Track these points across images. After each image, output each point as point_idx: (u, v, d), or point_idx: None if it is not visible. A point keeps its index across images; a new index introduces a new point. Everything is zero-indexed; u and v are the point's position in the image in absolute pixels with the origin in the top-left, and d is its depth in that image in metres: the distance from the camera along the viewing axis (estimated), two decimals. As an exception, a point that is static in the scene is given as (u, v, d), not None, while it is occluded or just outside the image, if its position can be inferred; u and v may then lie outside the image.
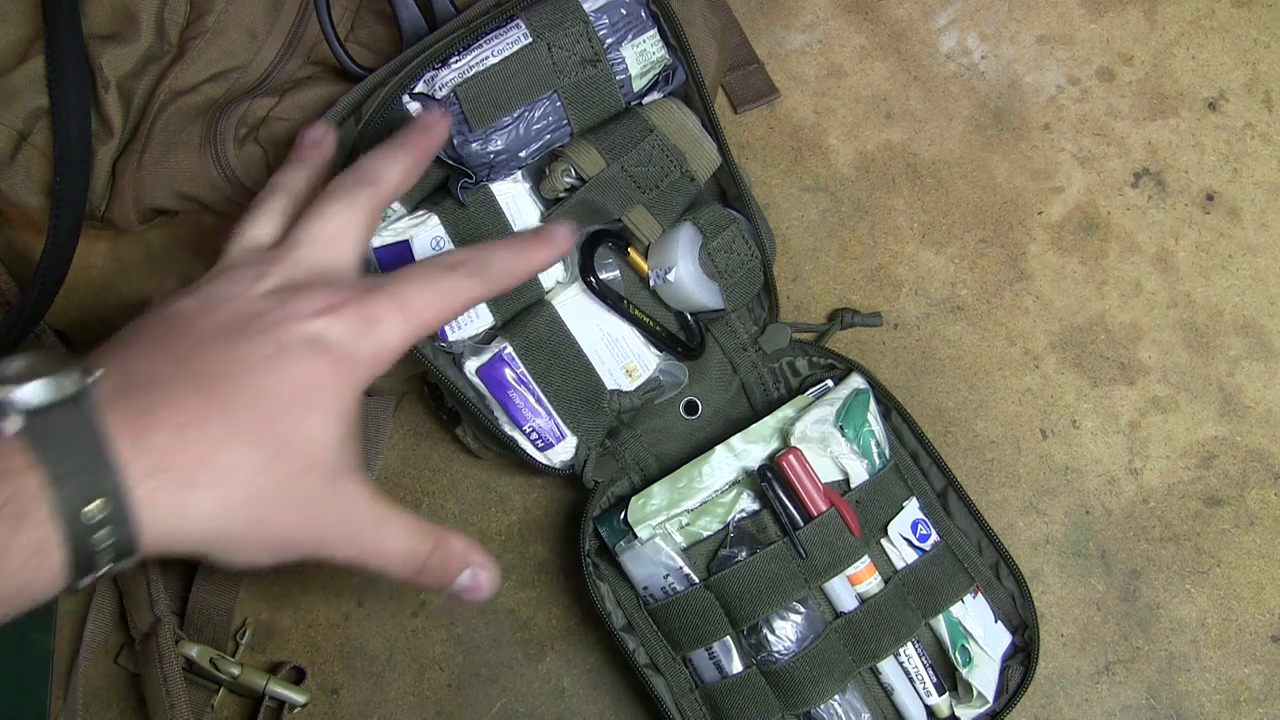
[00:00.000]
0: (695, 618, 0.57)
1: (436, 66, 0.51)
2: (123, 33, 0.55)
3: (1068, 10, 0.73)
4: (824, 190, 0.70)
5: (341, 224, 0.40)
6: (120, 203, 0.56)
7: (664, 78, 0.56)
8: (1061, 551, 0.64)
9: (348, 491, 0.37)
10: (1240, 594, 0.64)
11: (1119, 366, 0.67)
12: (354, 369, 0.37)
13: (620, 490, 0.61)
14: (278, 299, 0.37)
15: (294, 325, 0.36)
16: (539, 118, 0.53)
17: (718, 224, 0.58)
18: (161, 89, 0.56)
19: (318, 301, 0.37)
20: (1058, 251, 0.69)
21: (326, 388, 0.36)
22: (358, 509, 0.37)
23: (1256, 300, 0.68)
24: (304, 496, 0.35)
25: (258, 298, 0.37)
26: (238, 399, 0.34)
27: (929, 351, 0.67)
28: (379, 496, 0.38)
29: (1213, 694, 0.62)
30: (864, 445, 0.58)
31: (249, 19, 0.56)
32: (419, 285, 0.39)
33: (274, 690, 0.60)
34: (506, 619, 0.64)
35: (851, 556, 0.57)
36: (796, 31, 0.73)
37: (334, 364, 0.36)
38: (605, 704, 0.63)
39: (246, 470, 0.34)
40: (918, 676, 0.58)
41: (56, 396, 0.32)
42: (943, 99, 0.71)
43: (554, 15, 0.52)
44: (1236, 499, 0.65)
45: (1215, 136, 0.71)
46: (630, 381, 0.60)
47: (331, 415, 0.36)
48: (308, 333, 0.36)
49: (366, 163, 0.42)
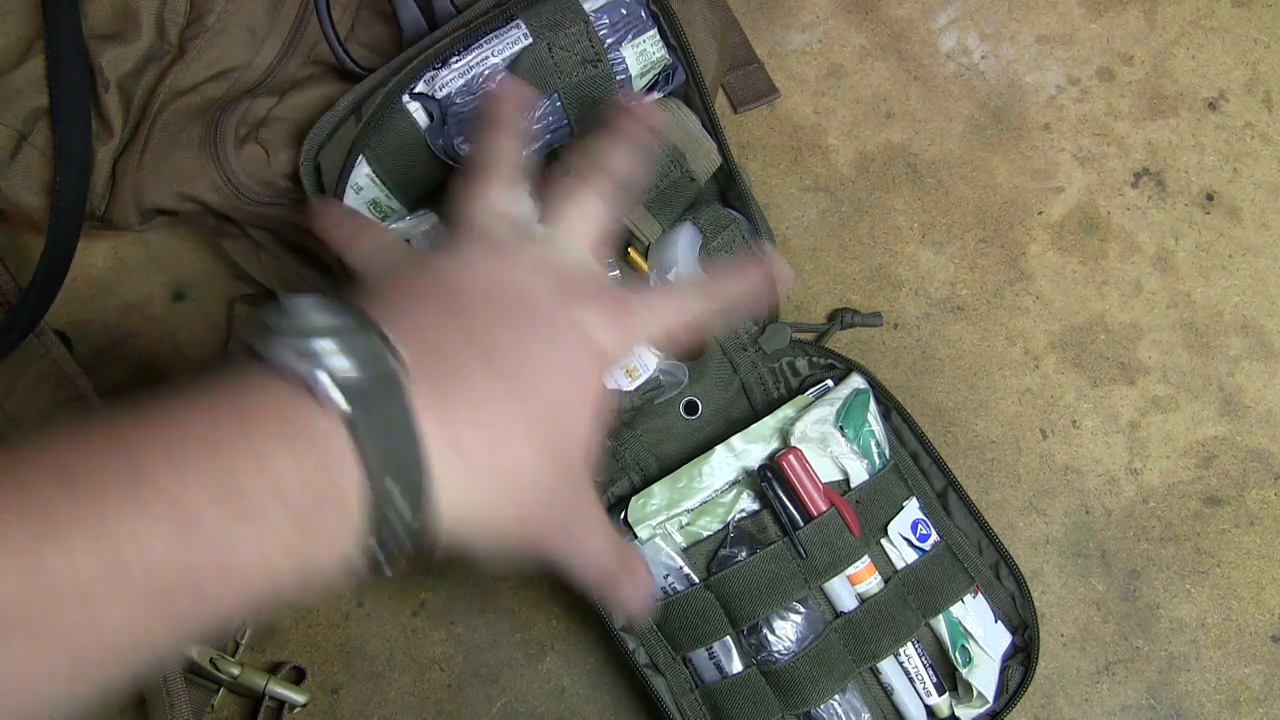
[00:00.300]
0: (695, 618, 0.57)
1: (436, 66, 0.51)
2: (123, 33, 0.55)
3: (1068, 10, 0.73)
4: (824, 190, 0.70)
5: (593, 214, 0.40)
6: (120, 203, 0.56)
7: (664, 78, 0.56)
8: (1061, 551, 0.64)
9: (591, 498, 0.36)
10: (1240, 594, 0.64)
11: (1119, 366, 0.67)
12: (605, 364, 0.36)
13: (620, 490, 0.61)
14: (552, 287, 0.36)
15: (566, 314, 0.35)
16: (539, 118, 0.53)
17: (718, 224, 0.58)
18: (161, 89, 0.56)
19: (585, 292, 0.37)
20: (1058, 251, 0.69)
21: (592, 382, 0.35)
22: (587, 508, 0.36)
23: (1256, 300, 0.68)
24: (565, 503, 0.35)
25: (535, 282, 0.36)
26: (525, 384, 0.33)
27: (929, 351, 0.67)
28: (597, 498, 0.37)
29: (1213, 694, 0.62)
30: (864, 445, 0.58)
31: (249, 19, 0.56)
32: (667, 298, 0.40)
33: (274, 690, 0.60)
34: (506, 619, 0.64)
35: (851, 556, 0.57)
36: (796, 31, 0.73)
37: (596, 357, 0.36)
38: (605, 704, 0.63)
39: (528, 466, 0.33)
40: (918, 676, 0.58)
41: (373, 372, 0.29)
42: (943, 99, 0.71)
43: (554, 15, 0.52)
44: (1236, 499, 0.65)
45: (1215, 136, 0.71)
46: (630, 381, 0.60)
47: (594, 409, 0.35)
48: (579, 322, 0.35)
49: (604, 151, 0.42)
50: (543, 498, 0.33)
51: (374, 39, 0.58)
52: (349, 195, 0.53)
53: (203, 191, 0.56)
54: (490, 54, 0.51)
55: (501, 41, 0.52)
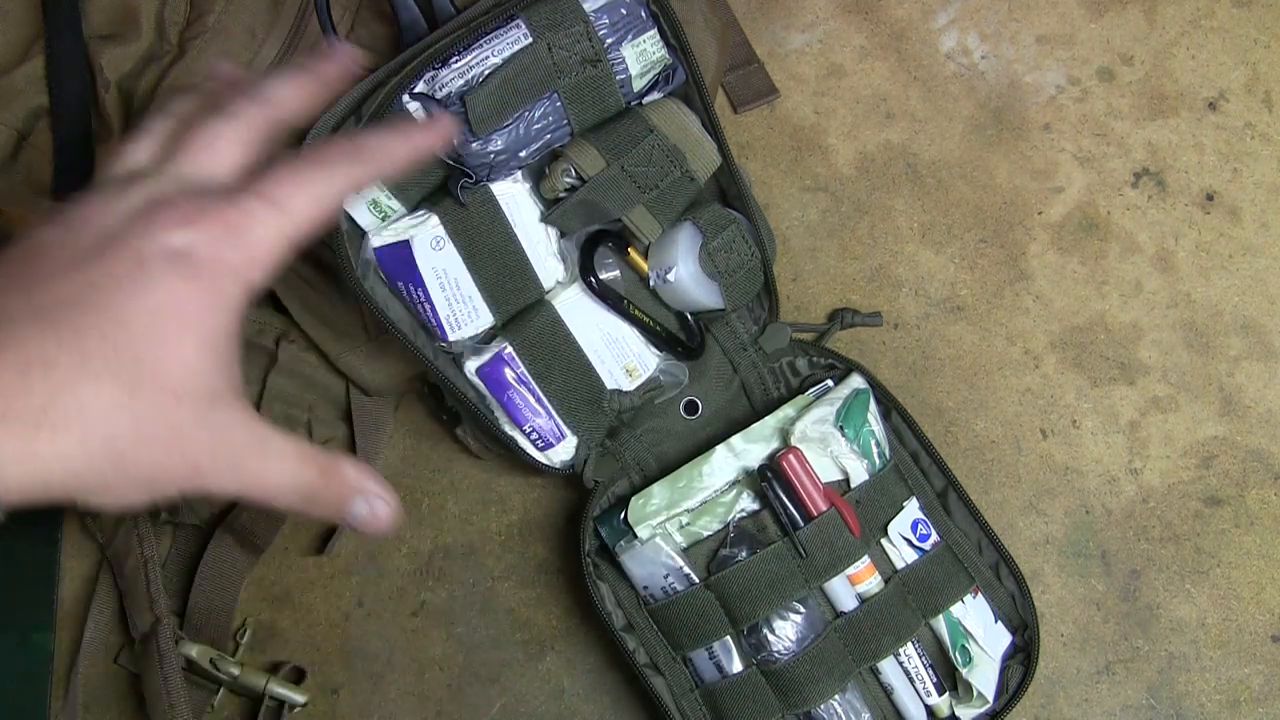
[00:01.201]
0: (695, 618, 0.57)
1: (436, 66, 0.51)
2: (123, 33, 0.55)
3: (1068, 10, 0.73)
4: (824, 190, 0.70)
5: (220, 137, 0.37)
6: (120, 203, 0.56)
7: (664, 78, 0.56)
8: (1061, 551, 0.64)
9: (224, 419, 0.34)
10: (1240, 594, 0.64)
11: (1119, 366, 0.67)
12: (225, 282, 0.34)
13: (620, 490, 0.61)
14: (140, 219, 0.34)
15: (152, 240, 0.33)
16: (539, 118, 0.53)
17: (718, 224, 0.58)
18: (161, 89, 0.56)
19: (180, 212, 0.34)
20: (1058, 251, 0.69)
21: (193, 307, 0.33)
22: (236, 436, 0.34)
23: (1256, 300, 0.68)
24: (171, 431, 0.33)
25: (118, 216, 0.34)
26: (89, 329, 0.32)
27: (929, 351, 0.67)
28: (260, 421, 0.35)
29: (1213, 694, 0.62)
30: (864, 445, 0.58)
31: (249, 19, 0.56)
32: (289, 180, 0.36)
33: (274, 690, 0.60)
34: (506, 619, 0.64)
35: (851, 556, 0.57)
36: (796, 31, 0.73)
37: (200, 279, 0.33)
38: (605, 704, 0.63)
39: (101, 407, 0.31)
40: (918, 676, 0.58)
41: None
42: (943, 99, 0.71)
43: (554, 15, 0.52)
44: (1236, 499, 0.65)
45: (1215, 136, 0.71)
46: (630, 381, 0.60)
47: (200, 337, 0.33)
48: (169, 246, 0.33)
49: (259, 81, 0.39)
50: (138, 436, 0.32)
51: (374, 39, 0.58)
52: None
53: (203, 191, 0.55)
54: (490, 54, 0.51)
55: (501, 41, 0.52)
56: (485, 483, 0.66)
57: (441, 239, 0.55)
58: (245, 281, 0.34)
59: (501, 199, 0.56)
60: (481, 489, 0.66)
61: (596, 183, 0.55)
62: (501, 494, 0.66)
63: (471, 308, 0.57)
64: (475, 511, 0.65)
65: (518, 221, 0.57)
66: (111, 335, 0.32)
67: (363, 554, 0.65)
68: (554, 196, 0.56)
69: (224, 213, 0.34)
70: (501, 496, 0.66)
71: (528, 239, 0.57)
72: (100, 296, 0.32)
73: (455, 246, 0.55)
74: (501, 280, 0.57)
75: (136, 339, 0.32)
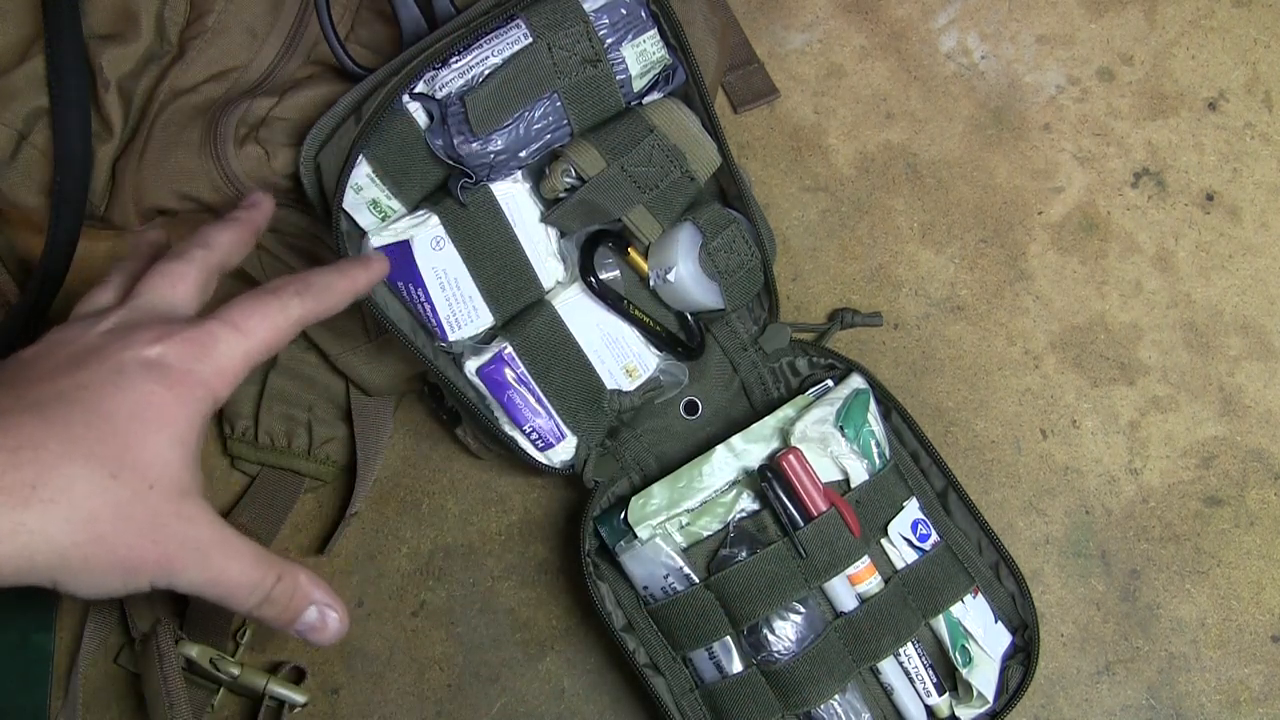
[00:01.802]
0: (695, 618, 0.57)
1: (436, 66, 0.51)
2: (123, 33, 0.55)
3: (1068, 10, 0.73)
4: (824, 190, 0.70)
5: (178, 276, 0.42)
6: (120, 203, 0.56)
7: (664, 78, 0.56)
8: (1061, 551, 0.64)
9: (192, 514, 0.37)
10: (1240, 594, 0.64)
11: (1119, 366, 0.67)
12: (195, 389, 0.38)
13: (620, 490, 0.61)
14: (117, 336, 0.38)
15: (131, 351, 0.37)
16: (539, 118, 0.53)
17: (718, 224, 0.58)
18: (161, 89, 0.56)
19: (152, 331, 0.38)
20: (1058, 251, 0.69)
21: (168, 408, 0.37)
22: (203, 531, 0.37)
23: (1256, 300, 0.68)
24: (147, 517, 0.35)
25: (97, 335, 0.39)
26: (76, 420, 0.35)
27: (929, 351, 0.67)
28: (222, 523, 0.38)
29: (1213, 694, 0.62)
30: (864, 445, 0.58)
31: (249, 19, 0.56)
32: (249, 309, 0.40)
33: (274, 690, 0.60)
34: (506, 619, 0.64)
35: (851, 556, 0.57)
36: (796, 31, 0.73)
37: (174, 385, 0.37)
38: (605, 704, 0.63)
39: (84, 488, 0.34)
40: (918, 676, 0.58)
41: None
42: (943, 99, 0.71)
43: (554, 15, 0.52)
44: (1236, 499, 0.65)
45: (1215, 136, 0.71)
46: (630, 381, 0.60)
47: (174, 436, 0.37)
48: (145, 357, 0.37)
49: (202, 230, 0.45)
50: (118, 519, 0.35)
51: (374, 39, 0.58)
52: (349, 195, 0.53)
53: (203, 191, 0.55)
54: (490, 54, 0.51)
55: (501, 41, 0.52)
56: (485, 483, 0.66)
57: (441, 239, 0.55)
58: (212, 391, 0.38)
59: (501, 199, 0.56)
60: (481, 489, 0.66)
61: (596, 183, 0.55)
62: (501, 494, 0.66)
63: (471, 308, 0.57)
64: (475, 511, 0.66)
65: (518, 221, 0.57)
66: (96, 425, 0.35)
67: (363, 554, 0.65)
68: (554, 196, 0.56)
69: (192, 333, 0.39)
70: (501, 496, 0.66)
71: (528, 239, 0.57)
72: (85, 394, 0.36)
73: (455, 246, 0.55)
74: (501, 280, 0.57)
75: (119, 430, 0.36)
